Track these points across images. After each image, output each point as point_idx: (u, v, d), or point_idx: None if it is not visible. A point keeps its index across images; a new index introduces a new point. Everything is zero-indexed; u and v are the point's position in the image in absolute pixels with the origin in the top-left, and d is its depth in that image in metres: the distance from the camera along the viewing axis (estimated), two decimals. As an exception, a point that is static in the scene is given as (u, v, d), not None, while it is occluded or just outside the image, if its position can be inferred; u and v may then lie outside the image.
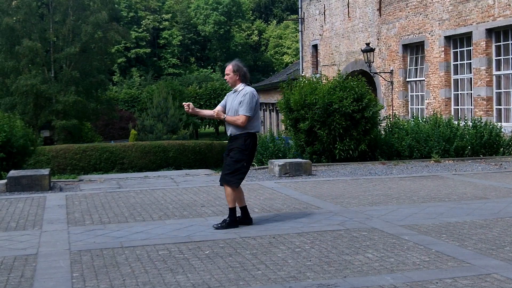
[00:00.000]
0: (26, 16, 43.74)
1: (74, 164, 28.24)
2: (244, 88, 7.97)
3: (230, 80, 8.06)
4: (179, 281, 5.59)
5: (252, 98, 7.83)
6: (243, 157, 7.88)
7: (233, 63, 8.12)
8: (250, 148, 7.91)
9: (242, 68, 8.05)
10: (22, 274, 5.99)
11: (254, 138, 7.98)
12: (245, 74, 8.06)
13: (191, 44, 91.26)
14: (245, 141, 7.86)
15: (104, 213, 9.26)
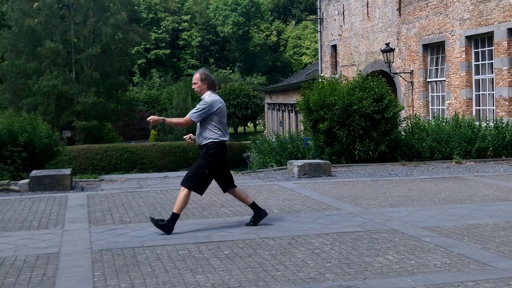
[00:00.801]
0: (47, 18, 44.13)
1: (95, 164, 28.46)
2: (207, 96, 7.89)
3: (197, 89, 8.00)
4: (199, 281, 5.62)
5: (205, 106, 7.76)
6: (205, 163, 7.83)
7: (200, 71, 8.05)
8: (215, 156, 7.82)
9: (210, 76, 8.00)
10: (44, 272, 6.05)
11: (220, 146, 7.86)
12: (213, 82, 8.00)
13: (210, 45, 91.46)
14: (208, 150, 7.80)
15: (124, 213, 9.32)
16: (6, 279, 5.84)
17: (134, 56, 57.58)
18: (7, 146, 14.39)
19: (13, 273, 6.05)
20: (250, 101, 60.86)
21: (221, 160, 7.98)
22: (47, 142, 15.18)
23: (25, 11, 44.20)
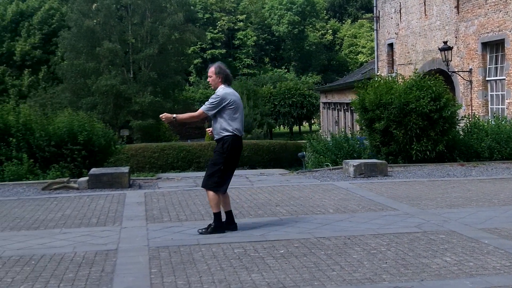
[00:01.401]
0: (105, 19, 44.91)
1: (152, 162, 28.86)
2: (221, 90, 7.89)
3: (212, 82, 8.02)
4: (254, 279, 5.64)
5: (217, 99, 7.76)
6: (220, 160, 7.74)
7: (216, 65, 8.05)
8: (230, 151, 7.74)
9: (224, 70, 7.99)
10: (103, 268, 6.17)
11: (234, 141, 7.79)
12: (227, 76, 7.99)
13: (265, 45, 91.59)
14: (223, 145, 7.74)
15: (181, 211, 9.43)
16: (65, 274, 5.98)
17: (191, 56, 58.09)
18: (67, 144, 14.73)
19: (72, 269, 6.19)
20: (305, 100, 60.72)
21: (236, 155, 7.90)
22: (105, 140, 15.48)
23: (84, 12, 45.07)
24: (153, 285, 5.54)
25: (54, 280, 5.79)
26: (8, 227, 8.54)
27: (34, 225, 8.63)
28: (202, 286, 5.47)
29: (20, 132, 14.78)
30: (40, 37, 54.07)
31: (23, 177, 13.90)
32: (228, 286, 5.46)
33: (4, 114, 15.34)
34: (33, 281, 5.78)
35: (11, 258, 6.69)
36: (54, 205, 10.41)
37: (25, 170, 14.04)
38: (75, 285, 5.63)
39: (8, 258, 6.69)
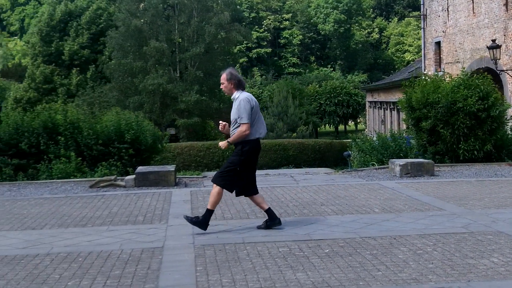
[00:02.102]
0: (153, 18, 45.30)
1: (198, 161, 29.04)
2: (240, 95, 7.85)
3: (225, 89, 8.00)
4: (299, 278, 5.64)
5: (246, 104, 7.71)
6: (237, 161, 7.76)
7: (227, 71, 8.00)
8: (247, 154, 7.74)
9: (236, 76, 7.94)
10: (149, 266, 6.24)
11: (254, 145, 7.82)
12: (239, 81, 7.93)
13: (311, 43, 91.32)
14: (243, 148, 7.75)
15: (226, 209, 9.47)
16: (112, 271, 6.06)
17: (236, 55, 58.24)
18: (114, 143, 14.95)
19: (119, 266, 6.27)
20: (351, 99, 60.35)
21: (254, 158, 7.89)
22: (152, 139, 15.65)
23: (131, 11, 45.56)
24: (199, 282, 5.58)
25: (101, 277, 5.87)
26: (56, 224, 8.70)
27: (81, 222, 8.78)
28: (247, 284, 5.49)
29: (68, 131, 15.05)
30: (88, 36, 54.86)
31: (71, 175, 14.15)
32: (273, 284, 5.47)
33: (52, 113, 15.63)
34: (80, 277, 5.88)
35: (59, 254, 6.82)
36: (101, 202, 10.57)
37: (73, 168, 14.29)
38: (121, 282, 5.70)
39: (56, 254, 6.82)
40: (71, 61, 54.19)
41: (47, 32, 55.91)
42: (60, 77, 53.52)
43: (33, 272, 6.11)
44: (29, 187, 13.04)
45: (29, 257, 6.75)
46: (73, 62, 54.15)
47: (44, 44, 55.66)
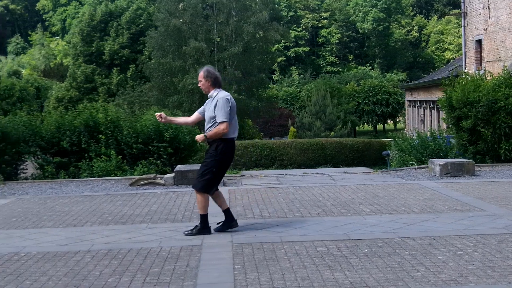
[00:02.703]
0: (192, 18, 45.59)
1: (236, 159, 29.06)
2: (218, 93, 7.81)
3: (203, 87, 7.96)
4: (337, 278, 5.62)
5: (226, 103, 7.67)
6: (212, 163, 7.68)
7: (204, 69, 7.97)
8: (222, 154, 7.69)
9: (213, 73, 7.89)
10: (188, 263, 6.29)
11: (229, 144, 7.76)
12: (216, 79, 7.88)
13: (349, 42, 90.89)
14: (217, 147, 7.69)
15: (264, 208, 9.49)
16: (151, 269, 6.13)
17: (274, 54, 58.30)
18: (154, 141, 15.10)
19: (158, 263, 6.33)
20: (390, 98, 59.88)
21: (229, 158, 7.85)
22: (191, 138, 15.76)
23: (171, 11, 45.92)
24: (237, 281, 5.61)
25: (141, 274, 5.94)
26: (97, 221, 8.83)
27: (121, 220, 8.89)
28: (285, 283, 5.50)
29: (109, 130, 15.25)
30: (128, 36, 55.48)
31: (111, 173, 14.33)
32: (310, 284, 5.46)
33: (94, 112, 15.85)
34: (120, 274, 5.96)
35: (100, 251, 6.91)
36: (141, 200, 10.69)
37: (114, 166, 14.47)
38: (160, 279, 5.76)
39: (96, 251, 6.92)
40: (111, 61, 54.88)
41: (88, 32, 56.72)
42: (100, 76, 54.25)
43: (74, 269, 6.21)
44: (70, 185, 13.26)
45: (71, 253, 6.86)
46: (113, 61, 54.84)
47: (85, 44, 56.49)
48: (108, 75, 54.27)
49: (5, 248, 7.24)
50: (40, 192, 12.35)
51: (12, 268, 6.30)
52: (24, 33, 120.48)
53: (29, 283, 5.76)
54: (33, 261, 6.60)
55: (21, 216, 9.46)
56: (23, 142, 15.03)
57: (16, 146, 14.90)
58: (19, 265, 6.42)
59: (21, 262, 6.54)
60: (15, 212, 9.83)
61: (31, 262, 6.55)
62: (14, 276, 6.01)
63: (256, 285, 5.47)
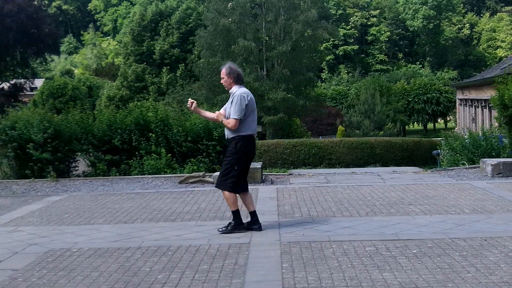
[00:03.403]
0: (240, 17, 45.73)
1: (284, 158, 29.09)
2: (237, 90, 7.85)
3: (225, 83, 8.00)
4: (386, 278, 5.59)
5: (241, 100, 7.69)
6: (233, 161, 7.73)
7: (226, 66, 8.03)
8: (241, 151, 7.72)
9: (235, 70, 7.95)
10: (236, 261, 6.33)
11: (247, 141, 7.78)
12: (239, 76, 7.94)
13: (399, 40, 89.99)
14: (236, 145, 7.72)
15: (312, 207, 9.48)
16: (200, 266, 6.19)
17: (323, 52, 58.04)
18: (203, 140, 15.20)
19: (207, 260, 6.39)
20: (441, 96, 59.04)
21: (249, 155, 7.85)
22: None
23: (220, 11, 46.15)
24: (284, 279, 5.62)
25: (190, 271, 6.01)
26: (147, 218, 8.95)
27: (171, 217, 8.99)
28: (333, 283, 5.49)
29: (159, 128, 15.41)
30: (178, 36, 55.96)
31: (161, 171, 14.50)
32: (359, 284, 5.44)
33: (144, 111, 16.05)
34: (170, 271, 6.03)
35: (149, 248, 7.01)
36: (190, 198, 10.79)
37: (163, 164, 14.63)
38: (209, 276, 5.81)
39: (146, 248, 7.02)
40: (161, 60, 55.45)
41: (139, 32, 57.43)
42: (151, 75, 54.86)
43: (124, 265, 6.32)
44: (121, 182, 13.47)
45: (121, 250, 6.98)
46: (163, 61, 55.40)
47: (136, 43, 57.21)
48: (158, 74, 54.84)
49: (58, 243, 7.40)
50: (92, 189, 12.59)
51: (65, 264, 6.44)
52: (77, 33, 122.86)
53: (81, 278, 5.88)
54: (84, 256, 6.73)
55: (73, 212, 9.66)
56: (76, 140, 15.32)
57: (68, 144, 15.20)
58: (71, 261, 6.56)
59: (73, 258, 6.68)
60: (68, 209, 10.04)
61: (83, 257, 6.69)
62: (66, 271, 6.15)
63: (304, 283, 5.48)
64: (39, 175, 14.71)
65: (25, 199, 11.42)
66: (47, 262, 6.54)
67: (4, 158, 15.55)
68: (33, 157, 14.69)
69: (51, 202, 10.90)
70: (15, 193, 12.56)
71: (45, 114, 15.58)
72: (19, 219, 9.29)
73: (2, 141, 15.15)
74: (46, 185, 13.52)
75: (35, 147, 14.72)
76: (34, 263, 6.51)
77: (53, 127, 14.91)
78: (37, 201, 11.12)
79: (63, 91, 49.17)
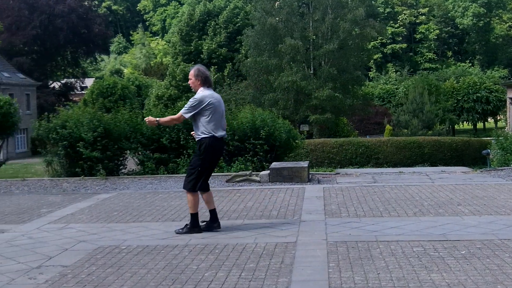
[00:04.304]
0: (288, 16, 45.75)
1: (330, 157, 29.03)
2: (201, 92, 7.89)
3: (192, 85, 8.04)
4: (433, 279, 5.53)
5: (195, 102, 7.79)
6: (197, 161, 7.87)
7: (195, 68, 8.06)
8: (206, 152, 7.80)
9: (203, 72, 7.98)
10: (282, 260, 6.34)
11: (213, 143, 7.83)
12: (206, 78, 7.96)
13: (448, 38, 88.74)
14: (200, 146, 7.84)
15: (359, 207, 9.43)
16: (247, 264, 6.21)
17: (371, 51, 57.63)
18: (250, 139, 15.26)
19: (254, 259, 6.41)
20: (491, 95, 57.99)
21: (213, 156, 7.93)
22: (287, 136, 15.84)
23: (267, 10, 46.24)
24: (331, 279, 5.61)
25: (236, 269, 6.04)
26: (195, 216, 9.02)
27: (218, 215, 9.04)
28: (380, 283, 5.45)
29: (206, 127, 15.51)
30: (225, 35, 56.31)
31: (209, 169, 14.59)
32: (406, 284, 5.40)
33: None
34: (216, 269, 6.07)
35: (197, 246, 7.07)
36: (236, 196, 10.85)
37: (211, 163, 14.73)
38: (255, 275, 5.83)
39: (194, 246, 7.08)
40: (209, 59, 55.87)
41: (187, 32, 57.98)
42: (198, 75, 55.25)
43: (172, 262, 6.39)
44: (169, 180, 13.61)
45: (169, 247, 7.06)
46: (211, 60, 55.80)
47: (184, 43, 57.77)
48: (205, 74, 55.23)
49: (107, 241, 7.53)
50: (140, 187, 12.76)
51: (113, 261, 6.55)
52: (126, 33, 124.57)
53: (129, 275, 5.97)
54: (133, 254, 6.83)
55: (122, 210, 9.81)
56: (125, 138, 15.55)
57: (117, 142, 15.44)
58: (119, 258, 6.66)
59: (122, 255, 6.78)
60: (117, 207, 10.20)
61: (131, 255, 6.78)
62: (115, 268, 6.25)
63: (351, 283, 5.46)
64: (89, 173, 14.99)
65: (75, 197, 11.64)
66: (96, 259, 6.66)
67: (55, 156, 15.89)
68: (83, 155, 14.97)
69: (100, 200, 11.09)
70: (65, 190, 12.81)
71: (95, 113, 15.86)
72: (69, 216, 9.48)
73: (53, 140, 15.48)
74: (96, 183, 13.76)
75: (85, 146, 15.00)
76: (84, 260, 6.63)
77: (103, 126, 15.17)
78: (86, 198, 11.33)
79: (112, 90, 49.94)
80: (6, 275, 6.09)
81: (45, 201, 11.24)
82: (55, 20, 67.52)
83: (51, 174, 16.05)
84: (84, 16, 69.86)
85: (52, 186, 13.56)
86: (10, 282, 5.85)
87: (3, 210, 10.29)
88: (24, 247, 7.36)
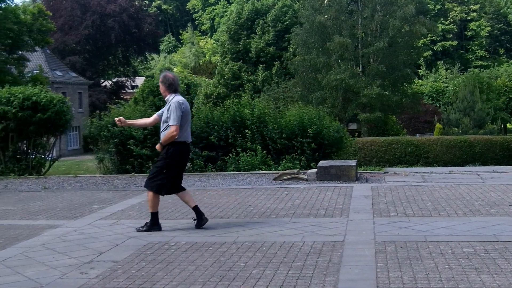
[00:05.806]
0: (336, 14, 45.50)
1: (379, 156, 28.81)
2: (173, 98, 8.04)
3: (161, 90, 8.27)
4: (484, 280, 5.45)
5: (177, 107, 7.90)
6: (163, 164, 8.00)
7: (162, 74, 8.25)
8: (172, 156, 7.97)
9: (168, 79, 8.14)
10: (330, 259, 6.33)
11: (180, 147, 8.03)
12: (171, 84, 8.12)
13: (500, 35, 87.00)
14: (168, 150, 8.00)
15: (408, 206, 9.34)
16: (294, 262, 6.23)
17: (420, 48, 56.87)
18: (298, 137, 15.26)
19: (301, 257, 6.42)
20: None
21: (180, 161, 8.07)
22: (335, 134, 15.78)
23: (316, 8, 46.09)
24: (379, 278, 5.58)
25: (283, 267, 6.06)
26: (242, 214, 9.08)
27: (265, 213, 9.08)
28: (429, 283, 5.40)
29: (255, 125, 15.58)
30: (274, 34, 56.29)
31: (256, 167, 14.67)
32: (456, 285, 5.33)
33: (241, 108, 16.26)
34: (264, 267, 6.10)
35: (244, 243, 7.11)
36: (284, 195, 10.86)
37: (259, 161, 14.79)
38: (303, 273, 5.84)
39: (241, 243, 7.13)
40: (257, 58, 55.95)
41: (235, 30, 58.17)
42: (247, 73, 55.46)
43: (220, 259, 6.44)
44: (217, 178, 13.71)
45: (217, 244, 7.12)
46: (259, 58, 55.88)
47: (233, 42, 57.98)
48: (254, 72, 55.37)
49: (156, 237, 7.63)
50: (189, 185, 12.87)
51: (162, 257, 6.64)
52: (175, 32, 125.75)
53: (178, 271, 6.04)
54: (182, 250, 6.91)
55: (171, 207, 9.91)
56: (174, 136, 15.71)
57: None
58: (169, 254, 6.75)
59: (171, 251, 6.87)
60: (166, 203, 10.27)
61: (180, 251, 6.86)
62: (164, 264, 6.33)
63: (399, 283, 5.42)
64: (139, 170, 15.20)
65: (126, 193, 11.83)
66: (146, 254, 6.76)
67: (107, 154, 16.17)
68: (134, 152, 15.19)
69: (150, 196, 11.22)
70: (116, 187, 13.02)
71: (145, 111, 16.09)
72: (120, 212, 9.64)
73: (104, 137, 15.76)
74: (146, 180, 13.92)
75: (136, 143, 15.22)
76: (134, 255, 6.74)
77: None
78: (137, 195, 11.49)
79: (162, 88, 50.32)
80: (59, 269, 6.24)
81: (97, 197, 11.45)
82: (106, 20, 68.68)
83: (102, 171, 16.34)
84: (134, 15, 70.86)
85: (103, 182, 13.80)
86: (62, 277, 5.99)
87: (55, 206, 10.52)
88: (76, 242, 7.53)
